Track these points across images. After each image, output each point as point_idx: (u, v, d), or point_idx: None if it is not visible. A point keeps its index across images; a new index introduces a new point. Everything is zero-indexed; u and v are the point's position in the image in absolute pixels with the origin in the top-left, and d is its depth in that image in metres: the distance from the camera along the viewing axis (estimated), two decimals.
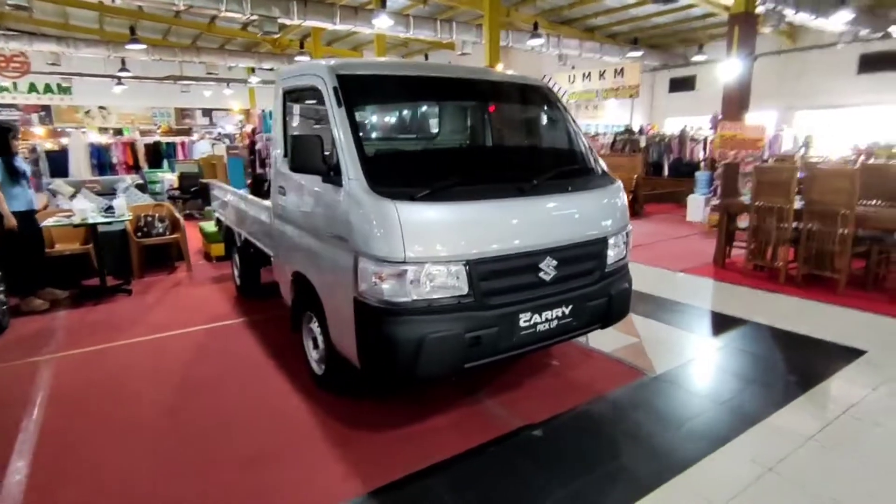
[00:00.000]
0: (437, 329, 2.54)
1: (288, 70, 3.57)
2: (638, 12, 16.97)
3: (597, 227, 3.05)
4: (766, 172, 5.50)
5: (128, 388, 3.55)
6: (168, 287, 5.93)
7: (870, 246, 5.11)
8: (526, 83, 3.45)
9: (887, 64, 15.86)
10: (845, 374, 3.54)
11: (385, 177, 2.63)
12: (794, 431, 2.88)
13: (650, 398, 3.32)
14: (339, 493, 2.47)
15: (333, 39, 21.81)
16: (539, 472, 2.63)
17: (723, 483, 2.49)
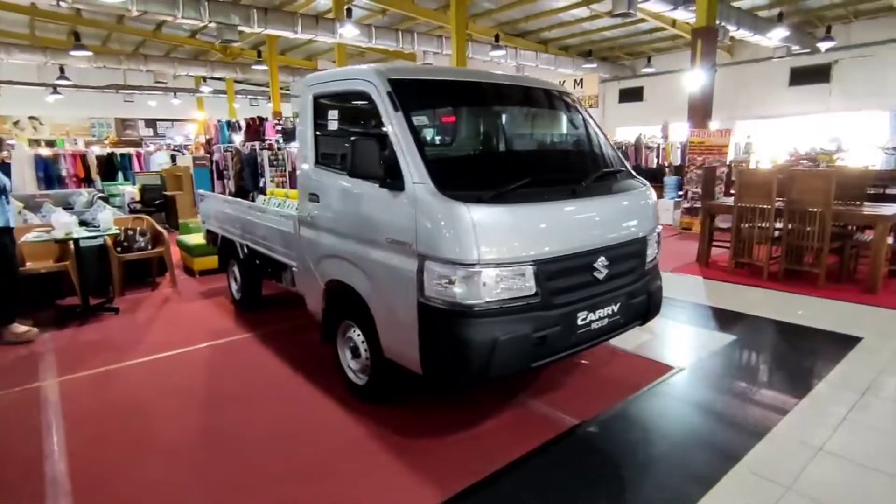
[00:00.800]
0: (509, 330, 2.56)
1: (319, 76, 3.50)
2: (589, 26, 17.70)
3: (639, 226, 3.17)
4: (748, 175, 5.87)
5: (151, 407, 3.34)
6: (156, 304, 5.61)
7: (843, 242, 5.55)
8: (558, 90, 3.56)
9: (814, 77, 17.27)
10: (854, 357, 3.82)
11: (450, 180, 2.63)
12: (828, 412, 3.09)
13: (688, 390, 3.47)
14: (420, 502, 2.42)
15: (287, 48, 21.45)
16: (608, 467, 2.69)
17: (781, 466, 2.62)
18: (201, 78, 21.18)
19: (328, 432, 3.01)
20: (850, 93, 16.64)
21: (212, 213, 5.55)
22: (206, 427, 3.11)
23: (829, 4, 14.85)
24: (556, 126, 3.39)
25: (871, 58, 15.90)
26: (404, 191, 2.69)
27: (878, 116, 16.43)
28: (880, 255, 5.18)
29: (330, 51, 21.92)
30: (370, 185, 2.88)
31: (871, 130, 16.57)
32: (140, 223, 6.31)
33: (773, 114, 17.58)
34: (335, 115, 3.29)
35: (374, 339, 3.10)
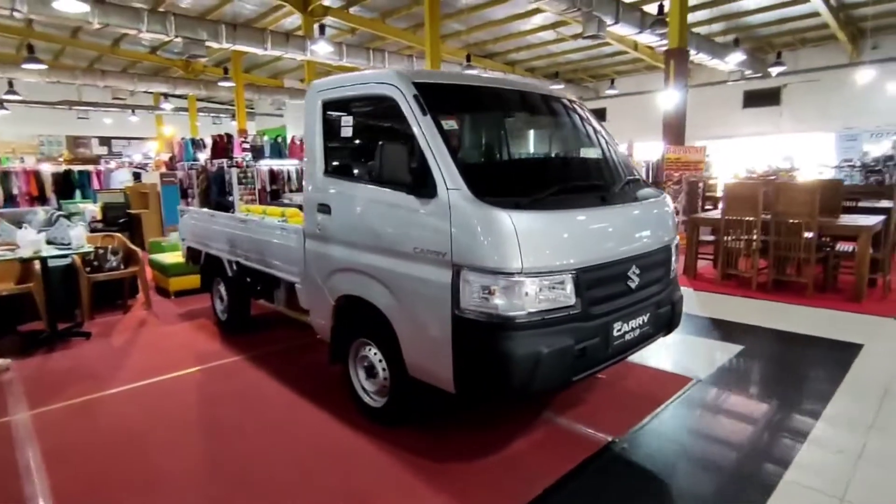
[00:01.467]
0: (553, 343, 2.43)
1: (329, 81, 3.34)
2: (555, 48, 18.17)
3: (664, 234, 3.13)
4: (735, 189, 6.01)
5: (145, 439, 3.02)
6: (132, 327, 5.21)
7: (827, 253, 5.72)
8: (570, 99, 3.53)
9: (766, 100, 18.22)
10: (861, 364, 3.87)
11: (485, 185, 2.51)
12: (856, 419, 3.09)
13: (712, 401, 3.41)
14: None
15: (252, 66, 21.10)
16: (652, 484, 2.58)
17: (828, 475, 2.58)
18: (161, 95, 20.52)
19: (354, 461, 2.78)
20: (798, 115, 17.62)
21: (195, 230, 5.22)
22: (215, 459, 2.82)
23: (777, 32, 15.76)
24: (575, 134, 3.34)
25: (816, 82, 16.92)
26: (436, 198, 2.55)
27: (824, 137, 17.45)
28: (864, 265, 5.36)
29: (296, 69, 21.71)
30: (395, 192, 2.73)
31: (819, 150, 17.56)
32: (111, 241, 5.90)
33: (728, 134, 18.38)
34: (349, 122, 3.13)
35: (395, 358, 2.91)
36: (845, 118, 16.75)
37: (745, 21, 14.81)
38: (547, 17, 14.82)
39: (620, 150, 3.53)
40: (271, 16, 15.67)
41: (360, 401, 3.27)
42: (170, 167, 15.96)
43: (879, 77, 15.19)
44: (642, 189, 3.27)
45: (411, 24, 16.08)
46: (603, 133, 3.51)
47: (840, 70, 16.35)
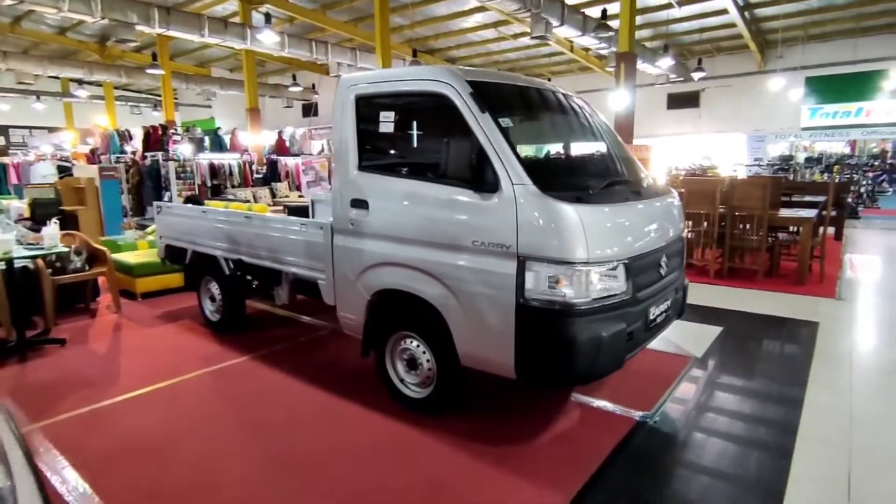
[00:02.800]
0: (610, 328, 2.62)
1: (362, 76, 3.31)
2: (494, 47, 18.61)
3: (681, 225, 3.43)
4: (694, 184, 6.56)
5: (185, 442, 2.88)
6: (108, 332, 4.85)
7: (773, 242, 6.41)
8: (585, 102, 3.75)
9: (687, 102, 19.70)
10: (824, 338, 4.43)
11: (547, 181, 2.64)
12: (835, 383, 3.55)
13: (715, 375, 3.80)
14: None
15: (176, 53, 19.81)
16: (692, 450, 2.85)
17: (832, 431, 2.98)
18: (72, 80, 18.78)
19: (416, 452, 2.81)
20: (715, 117, 19.24)
21: (178, 226, 4.94)
22: (274, 458, 2.75)
23: (698, 40, 17.10)
24: (601, 133, 3.56)
25: (731, 88, 18.56)
26: (498, 192, 2.65)
27: (737, 138, 19.19)
28: (806, 252, 6.07)
29: (226, 58, 20.66)
30: (451, 188, 2.80)
31: (733, 150, 19.27)
32: (72, 240, 5.43)
33: (654, 134, 19.66)
34: (391, 118, 3.15)
35: (443, 348, 2.99)
36: (755, 121, 18.51)
37: (670, 29, 15.93)
38: (488, 16, 15.15)
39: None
40: (201, 1, 14.82)
41: (399, 393, 3.31)
42: (91, 160, 14.72)
43: (783, 85, 16.91)
44: (656, 185, 3.55)
45: (352, 17, 15.82)
46: (616, 134, 3.77)
47: (750, 77, 18.04)
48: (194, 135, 13.97)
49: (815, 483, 2.54)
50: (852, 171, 15.30)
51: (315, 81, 21.46)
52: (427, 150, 3.08)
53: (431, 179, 2.93)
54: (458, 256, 2.82)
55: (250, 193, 12.53)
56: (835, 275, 6.54)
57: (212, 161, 12.88)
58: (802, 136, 18.22)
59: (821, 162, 17.28)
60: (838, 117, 17.59)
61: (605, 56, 16.67)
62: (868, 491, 2.46)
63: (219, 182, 13.05)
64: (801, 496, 2.43)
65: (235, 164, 13.30)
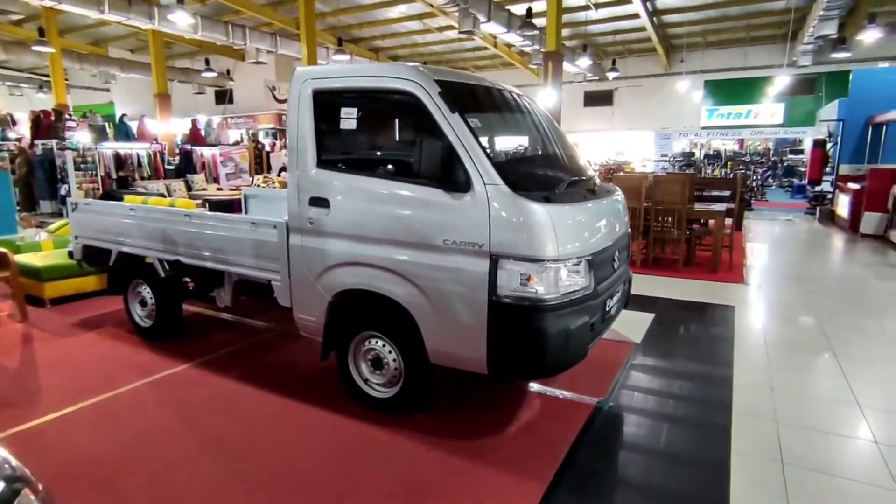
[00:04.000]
0: (576, 321, 2.75)
1: (320, 70, 3.19)
2: (420, 39, 18.57)
3: (626, 220, 3.65)
4: (622, 180, 6.97)
5: (135, 463, 2.66)
6: (16, 344, 4.34)
7: (690, 233, 6.97)
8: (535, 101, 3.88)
9: (602, 101, 20.79)
10: (741, 321, 4.91)
11: (516, 181, 2.71)
12: (756, 357, 3.96)
13: (656, 358, 4.10)
14: (528, 494, 2.47)
15: (67, 30, 17.91)
16: (644, 428, 3.07)
17: (762, 405, 3.33)
18: None
19: (390, 454, 2.79)
20: (627, 115, 20.48)
21: (99, 225, 4.50)
22: (239, 472, 2.61)
23: (612, 42, 18.09)
24: (553, 133, 3.68)
25: (640, 87, 19.82)
26: (470, 192, 2.68)
27: (646, 135, 20.55)
28: (719, 243, 6.67)
29: (125, 37, 18.96)
30: (420, 187, 2.79)
31: (642, 146, 20.63)
32: None
33: (572, 130, 20.56)
34: (352, 114, 3.06)
35: (411, 347, 3.00)
36: (661, 119, 19.92)
37: (588, 30, 16.71)
38: (413, 8, 15.07)
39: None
40: None
41: (363, 394, 3.27)
42: None
43: (685, 86, 18.32)
44: (604, 184, 3.75)
45: (271, 1, 15.10)
46: (563, 132, 3.93)
47: (658, 78, 19.37)
48: (95, 121, 12.77)
49: (753, 455, 2.82)
50: (745, 168, 16.93)
51: (230, 67, 20.28)
52: (393, 147, 3.04)
53: (398, 178, 2.90)
54: (428, 255, 2.83)
55: (163, 186, 11.65)
56: (741, 262, 7.25)
57: (117, 151, 11.84)
58: (702, 134, 19.88)
59: (720, 158, 18.94)
60: (731, 118, 19.38)
61: (528, 53, 17.18)
62: (798, 456, 2.78)
63: (126, 174, 12.02)
64: (743, 468, 2.70)
65: (144, 154, 12.32)
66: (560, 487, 2.54)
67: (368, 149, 3.23)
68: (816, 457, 2.80)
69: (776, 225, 11.17)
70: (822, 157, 12.70)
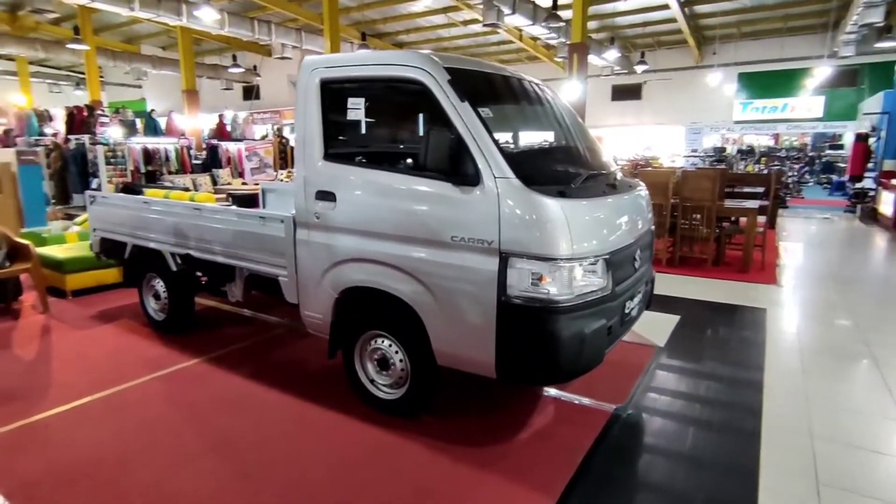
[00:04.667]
0: (593, 323, 2.58)
1: (328, 59, 3.09)
2: (444, 33, 18.42)
3: (649, 217, 3.45)
4: (648, 175, 6.71)
5: (136, 461, 2.61)
6: (35, 335, 4.38)
7: (720, 231, 6.67)
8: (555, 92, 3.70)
9: (630, 94, 20.29)
10: (773, 324, 4.64)
11: (529, 174, 2.55)
12: (790, 365, 3.72)
13: (680, 363, 3.89)
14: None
15: (101, 28, 18.35)
16: (664, 438, 2.89)
17: (794, 415, 3.10)
18: None
19: (397, 459, 2.67)
20: (656, 109, 19.94)
21: (115, 218, 4.52)
22: (244, 473, 2.54)
23: (641, 34, 17.61)
24: (572, 124, 3.50)
25: (670, 81, 19.26)
26: (479, 186, 2.54)
27: (676, 130, 19.97)
28: (750, 241, 6.36)
29: (157, 34, 19.33)
30: (428, 180, 2.67)
31: (671, 141, 20.06)
32: None
33: (600, 124, 20.16)
34: (360, 104, 2.95)
35: (418, 348, 2.88)
36: (692, 113, 19.33)
37: (616, 22, 16.29)
38: (438, 1, 14.92)
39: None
40: None
41: (369, 395, 3.16)
42: (4, 142, 13.40)
43: (717, 79, 17.71)
44: (626, 178, 3.55)
45: None
46: (584, 124, 3.74)
47: (688, 71, 18.79)
48: (125, 117, 13.01)
49: (785, 469, 2.62)
50: (781, 163, 16.29)
51: (257, 63, 20.49)
52: (401, 139, 2.91)
53: (406, 171, 2.78)
54: (435, 252, 2.70)
55: (189, 180, 11.80)
56: (774, 262, 6.91)
57: (146, 145, 12.04)
58: (735, 128, 19.21)
59: (753, 154, 18.28)
60: (766, 112, 18.67)
61: (554, 46, 16.85)
62: (835, 475, 2.56)
63: (154, 168, 12.21)
64: (774, 485, 2.50)
65: (172, 149, 12.50)
66: (573, 498, 2.39)
67: (376, 140, 3.12)
68: (855, 476, 2.57)
69: (813, 223, 10.67)
70: (864, 152, 12.09)
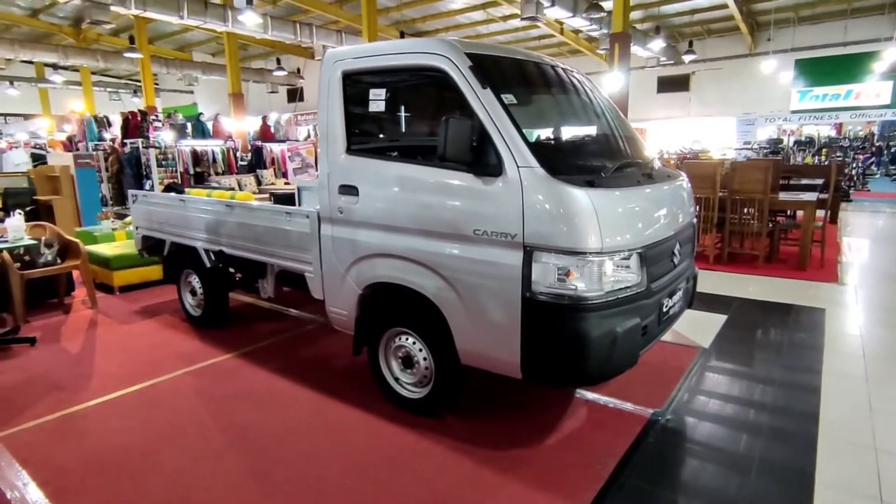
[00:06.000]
0: (626, 322, 2.42)
1: (349, 51, 3.04)
2: (483, 29, 18.24)
3: (691, 210, 3.23)
4: (694, 167, 6.37)
5: (162, 453, 2.64)
6: (82, 329, 4.56)
7: (774, 226, 6.26)
8: (589, 79, 3.52)
9: (677, 86, 19.51)
10: (832, 326, 4.29)
11: (555, 163, 2.42)
12: (851, 373, 3.41)
13: (725, 366, 3.63)
14: None
15: (155, 37, 19.20)
16: (705, 447, 2.68)
17: (852, 427, 2.82)
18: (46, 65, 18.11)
19: (418, 460, 2.59)
20: (704, 100, 19.09)
21: (154, 216, 4.65)
22: (262, 470, 2.52)
23: (688, 22, 16.88)
24: (606, 112, 3.32)
25: (720, 71, 18.38)
26: (502, 176, 2.42)
27: (727, 121, 19.07)
28: (808, 236, 5.93)
29: (207, 41, 20.07)
30: (449, 171, 2.57)
31: (722, 133, 19.16)
32: (42, 232, 5.11)
33: (645, 117, 19.48)
34: (381, 95, 2.88)
35: (442, 346, 2.78)
36: (744, 104, 18.39)
37: (661, 11, 15.67)
38: None
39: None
40: None
41: (393, 393, 3.10)
42: (68, 147, 14.20)
43: (772, 67, 16.76)
44: (665, 167, 3.34)
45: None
46: (619, 112, 3.54)
47: (740, 60, 17.88)
48: (176, 121, 13.51)
49: (845, 486, 2.37)
50: (844, 154, 15.27)
51: (300, 66, 20.94)
52: (422, 130, 2.83)
53: (427, 163, 2.69)
54: (457, 247, 2.60)
55: (235, 181, 12.16)
56: (835, 259, 6.42)
57: (194, 148, 12.47)
58: (792, 119, 18.15)
59: (813, 145, 17.24)
60: (827, 100, 17.52)
61: (596, 38, 16.41)
62: None
63: (202, 169, 12.64)
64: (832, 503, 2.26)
65: (219, 151, 12.89)
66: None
67: (396, 132, 3.05)
68: None
69: (880, 218, 9.91)
70: None
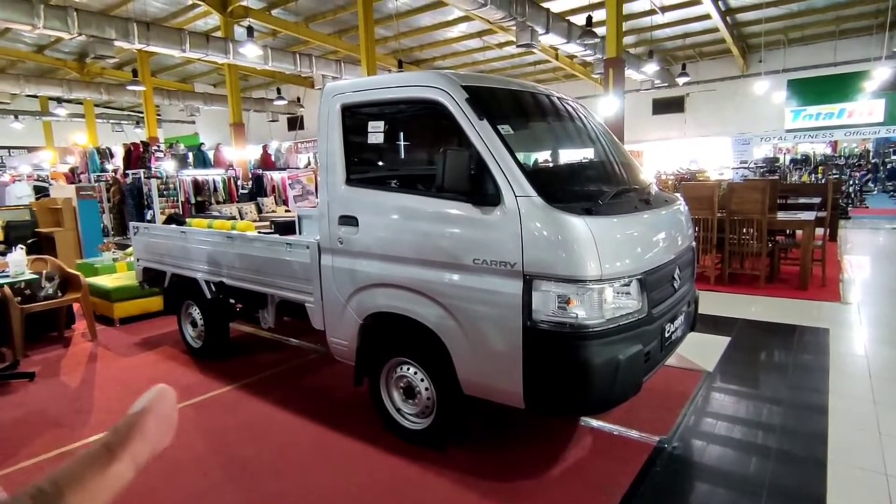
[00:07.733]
0: (628, 349, 2.41)
1: (348, 84, 3.10)
2: (480, 56, 18.58)
3: (689, 233, 3.24)
4: (691, 188, 6.42)
5: (159, 491, 2.60)
6: (82, 362, 4.54)
7: (773, 245, 6.27)
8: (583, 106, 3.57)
9: (672, 107, 19.75)
10: (837, 346, 4.25)
11: (553, 191, 2.44)
12: (857, 393, 3.37)
13: (731, 390, 3.60)
14: None
15: (158, 70, 19.55)
16: (714, 476, 2.63)
17: (862, 451, 2.78)
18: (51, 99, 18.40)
19: (423, 493, 2.56)
20: (700, 121, 19.30)
21: (155, 248, 4.66)
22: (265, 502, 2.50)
23: (681, 46, 17.19)
24: (602, 138, 3.36)
25: (714, 92, 18.64)
26: (500, 206, 2.44)
27: (722, 141, 19.25)
28: (808, 255, 5.93)
29: (208, 73, 20.41)
30: (448, 202, 2.59)
31: (718, 153, 19.33)
32: (43, 265, 5.12)
33: (641, 139, 19.66)
34: (380, 127, 2.93)
35: (444, 376, 2.76)
36: (739, 124, 18.59)
37: (654, 35, 15.97)
38: (473, 25, 15.08)
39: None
40: (183, 16, 14.65)
41: (395, 424, 3.06)
42: (71, 179, 14.34)
43: (765, 88, 17.00)
44: (663, 192, 3.37)
45: (336, 30, 15.69)
46: (615, 138, 3.58)
47: (733, 81, 18.14)
48: (177, 151, 13.68)
49: None
50: (840, 172, 15.37)
51: (300, 94, 21.26)
52: (420, 161, 2.86)
53: (426, 193, 2.72)
54: (457, 276, 2.60)
55: (236, 209, 12.24)
56: (836, 277, 6.41)
57: (195, 177, 12.59)
58: (787, 137, 18.31)
59: (808, 163, 17.37)
60: (821, 119, 17.70)
61: (591, 63, 16.67)
62: None
63: (203, 198, 12.74)
64: None
65: (220, 180, 13.01)
66: None
67: (395, 163, 3.09)
68: None
69: (880, 234, 9.93)
70: None
